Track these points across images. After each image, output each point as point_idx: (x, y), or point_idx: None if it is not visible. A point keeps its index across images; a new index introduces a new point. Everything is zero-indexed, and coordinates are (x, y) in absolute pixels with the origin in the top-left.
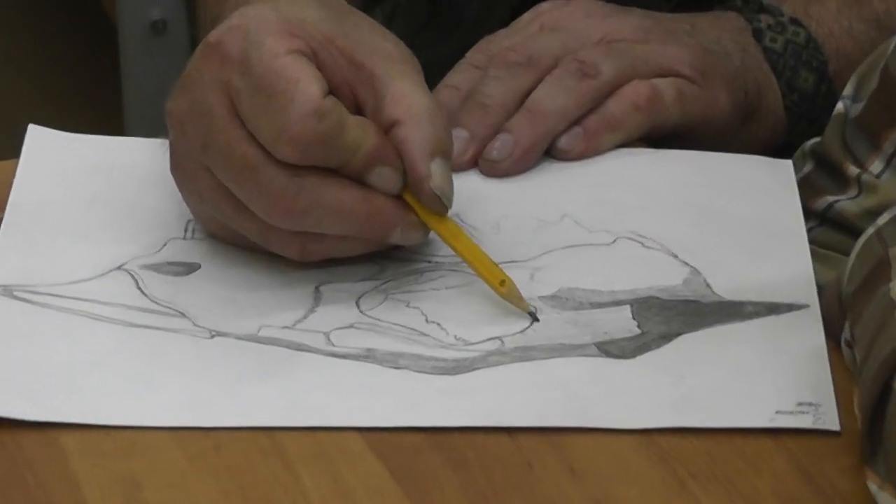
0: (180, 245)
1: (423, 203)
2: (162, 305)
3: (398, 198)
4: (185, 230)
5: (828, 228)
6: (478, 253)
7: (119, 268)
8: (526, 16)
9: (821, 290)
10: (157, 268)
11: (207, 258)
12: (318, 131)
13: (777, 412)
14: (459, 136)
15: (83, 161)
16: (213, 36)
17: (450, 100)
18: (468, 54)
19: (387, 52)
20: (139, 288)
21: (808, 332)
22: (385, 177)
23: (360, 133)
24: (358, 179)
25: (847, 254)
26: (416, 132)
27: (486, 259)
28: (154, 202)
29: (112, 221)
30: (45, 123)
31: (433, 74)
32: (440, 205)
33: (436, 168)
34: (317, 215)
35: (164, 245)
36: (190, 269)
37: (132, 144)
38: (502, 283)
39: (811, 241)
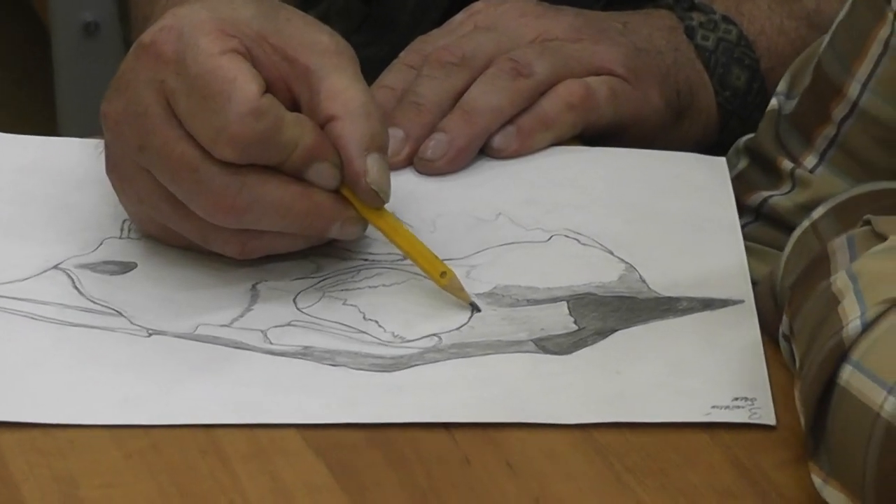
0: (116, 244)
1: (361, 197)
2: (99, 304)
3: (337, 193)
4: (121, 229)
5: (762, 224)
6: (418, 246)
7: (55, 267)
8: (459, 16)
9: (755, 285)
10: (93, 267)
11: (144, 257)
12: (257, 130)
13: (713, 407)
14: (395, 135)
15: (16, 161)
16: (146, 36)
17: (385, 100)
18: (402, 54)
19: (322, 45)
20: (76, 287)
21: (744, 327)
22: (323, 173)
23: (297, 130)
24: (296, 176)
25: (781, 249)
26: (352, 127)
27: (427, 252)
28: (89, 202)
29: (47, 221)
30: None
31: (368, 75)
32: (377, 199)
33: (372, 163)
34: (257, 212)
35: (100, 244)
36: (126, 268)
37: (66, 145)
38: (443, 274)
39: (746, 237)
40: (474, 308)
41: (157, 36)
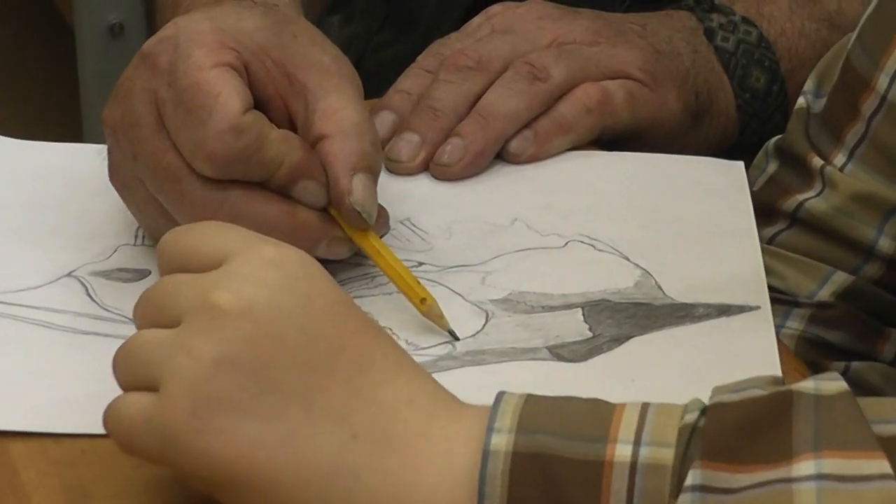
0: (130, 251)
1: (344, 217)
2: (112, 312)
3: (324, 212)
4: (136, 237)
5: (798, 230)
6: (400, 270)
7: (69, 274)
8: (477, 19)
9: (796, 297)
10: (106, 274)
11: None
12: (235, 148)
13: None
14: (411, 140)
15: (33, 167)
16: (146, 45)
17: (401, 104)
18: (419, 58)
19: (323, 65)
20: (89, 294)
21: (760, 334)
22: (309, 191)
23: (283, 148)
24: (283, 193)
25: (819, 258)
26: (341, 146)
27: (409, 276)
28: (104, 209)
29: (62, 228)
30: (2, 128)
31: (390, 74)
32: (360, 220)
33: (357, 183)
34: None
35: (115, 251)
36: (140, 275)
37: (83, 151)
38: (423, 301)
39: (781, 245)
40: (453, 336)
41: (155, 46)
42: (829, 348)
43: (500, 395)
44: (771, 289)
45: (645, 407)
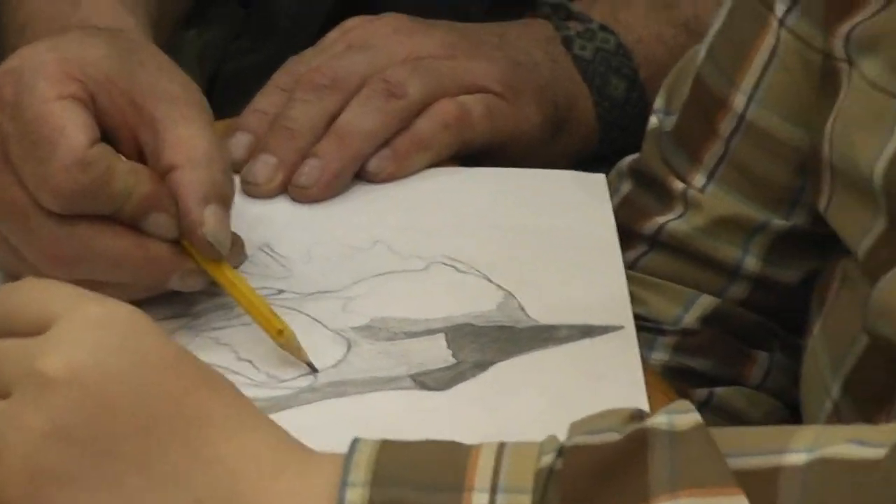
0: None
1: (197, 249)
2: None
3: (176, 244)
4: None
5: (659, 253)
6: (255, 301)
7: None
8: (332, 34)
9: (659, 323)
10: None
11: None
12: (81, 182)
13: None
14: (267, 161)
15: None
16: None
17: (257, 124)
18: (274, 76)
19: (171, 94)
20: None
21: (624, 355)
22: (160, 223)
23: (131, 180)
24: (134, 226)
25: (681, 281)
26: (191, 177)
27: (265, 307)
28: None
29: None
30: None
31: (249, 83)
32: (213, 251)
33: (209, 214)
34: (89, 264)
35: None
36: None
37: None
38: (280, 332)
39: (643, 269)
40: (312, 368)
41: None
42: (695, 376)
43: (355, 444)
44: (635, 316)
45: (501, 448)
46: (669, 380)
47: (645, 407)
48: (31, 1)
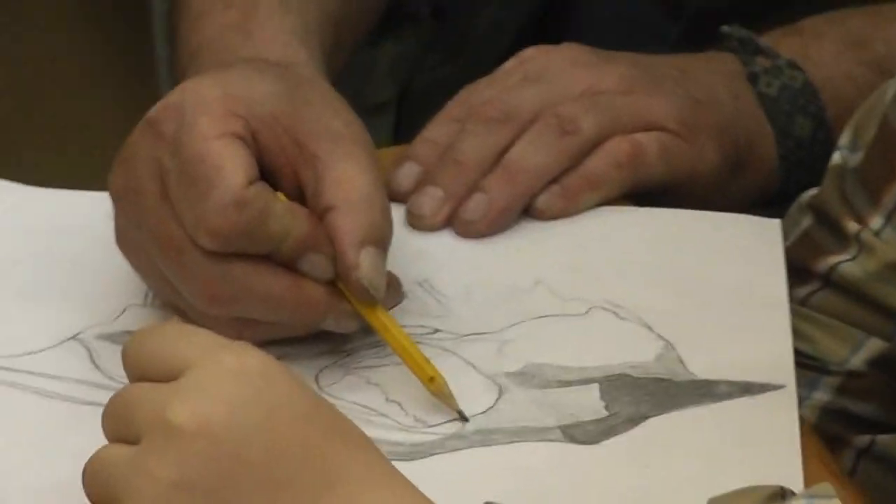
0: (139, 312)
1: (351, 292)
2: (116, 381)
3: (332, 285)
4: (146, 296)
5: (831, 292)
6: (408, 346)
7: (73, 337)
8: (509, 63)
9: (825, 362)
10: (112, 338)
11: None
12: (237, 223)
13: None
14: (434, 195)
15: (42, 218)
16: (152, 112)
17: (427, 155)
18: (447, 105)
19: (335, 132)
20: (92, 360)
21: (782, 417)
22: (316, 264)
23: (288, 220)
24: (290, 266)
25: (851, 322)
26: (348, 219)
27: (417, 353)
28: (117, 262)
29: (72, 285)
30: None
31: (442, 95)
32: (368, 295)
33: (365, 257)
34: (245, 302)
35: (123, 312)
36: None
37: (93, 200)
38: (431, 379)
39: (813, 307)
40: (462, 417)
41: (160, 113)
42: (855, 420)
43: None
44: (799, 353)
45: None
46: (827, 424)
47: (798, 473)
48: (205, 28)
